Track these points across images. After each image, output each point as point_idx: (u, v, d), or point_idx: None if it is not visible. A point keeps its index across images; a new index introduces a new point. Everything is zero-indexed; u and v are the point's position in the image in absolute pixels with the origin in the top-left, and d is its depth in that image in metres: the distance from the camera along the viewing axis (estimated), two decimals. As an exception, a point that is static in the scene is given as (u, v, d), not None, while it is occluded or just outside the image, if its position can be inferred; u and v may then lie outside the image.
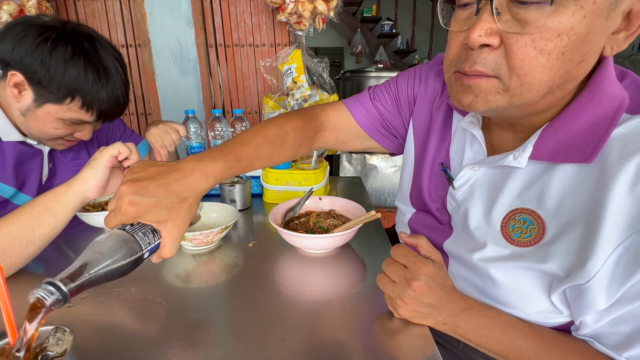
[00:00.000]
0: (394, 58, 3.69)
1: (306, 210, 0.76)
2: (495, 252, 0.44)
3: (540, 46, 0.33)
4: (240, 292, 0.52)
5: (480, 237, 0.46)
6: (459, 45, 0.40)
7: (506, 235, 0.43)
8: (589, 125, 0.38)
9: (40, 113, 0.65)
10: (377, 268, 0.59)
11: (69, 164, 0.84)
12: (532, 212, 0.41)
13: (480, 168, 0.48)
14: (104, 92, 0.67)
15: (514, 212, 0.43)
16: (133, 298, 0.51)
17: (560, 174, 0.40)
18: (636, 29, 0.35)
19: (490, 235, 0.45)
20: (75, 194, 0.60)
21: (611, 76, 0.39)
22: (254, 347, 0.41)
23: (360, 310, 0.48)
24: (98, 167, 0.59)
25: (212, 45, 1.65)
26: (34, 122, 0.67)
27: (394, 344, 0.41)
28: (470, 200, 0.49)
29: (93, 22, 1.58)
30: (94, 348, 0.41)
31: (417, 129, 0.62)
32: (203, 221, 0.73)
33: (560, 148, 0.39)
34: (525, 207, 0.42)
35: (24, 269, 0.59)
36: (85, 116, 0.68)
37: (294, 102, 1.57)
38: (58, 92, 0.63)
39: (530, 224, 0.41)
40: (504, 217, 0.44)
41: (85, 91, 0.65)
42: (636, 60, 2.37)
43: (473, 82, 0.38)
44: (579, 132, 0.39)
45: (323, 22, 1.53)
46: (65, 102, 0.65)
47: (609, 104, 0.38)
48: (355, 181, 1.14)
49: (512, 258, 0.42)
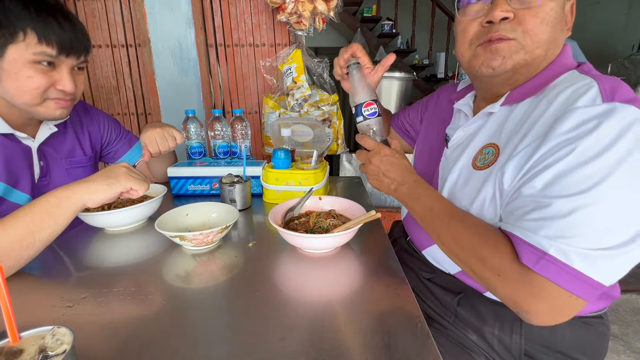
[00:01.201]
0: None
1: (306, 210, 0.76)
2: (465, 179, 0.58)
3: (542, 16, 0.49)
4: (240, 292, 0.52)
5: (456, 175, 0.60)
6: (476, 27, 0.55)
7: (474, 165, 0.57)
8: (543, 80, 0.53)
9: (8, 65, 0.64)
10: (377, 268, 0.59)
11: (63, 162, 0.83)
12: (493, 144, 0.55)
13: (469, 126, 0.62)
14: (53, 21, 0.66)
15: (482, 148, 0.56)
16: (133, 298, 0.51)
17: (518, 110, 0.54)
18: (570, 25, 0.54)
19: (464, 173, 0.59)
20: (79, 202, 0.60)
21: (568, 54, 0.55)
22: (254, 347, 0.41)
23: (360, 310, 0.48)
24: (114, 189, 0.62)
25: (212, 45, 1.65)
26: (8, 80, 0.66)
27: (393, 343, 0.41)
28: (455, 152, 0.63)
29: (93, 21, 1.58)
30: (94, 348, 0.41)
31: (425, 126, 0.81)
32: (203, 221, 0.74)
33: (522, 94, 0.54)
34: (490, 142, 0.56)
35: (23, 269, 0.59)
36: (48, 49, 0.66)
37: (294, 102, 1.58)
38: (9, 28, 0.62)
39: (490, 153, 0.54)
40: (474, 154, 0.58)
41: (34, 23, 0.64)
42: (636, 60, 2.37)
43: (499, 45, 0.52)
44: (536, 84, 0.53)
45: (323, 22, 1.53)
46: (20, 38, 0.63)
47: (559, 68, 0.53)
48: (355, 181, 1.14)
49: (474, 178, 0.56)
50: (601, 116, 0.42)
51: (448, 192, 0.61)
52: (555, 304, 0.42)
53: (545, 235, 0.42)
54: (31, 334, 0.32)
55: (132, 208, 0.73)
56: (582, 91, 0.46)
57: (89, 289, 0.53)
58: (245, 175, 0.88)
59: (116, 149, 1.00)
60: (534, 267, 0.42)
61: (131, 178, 0.66)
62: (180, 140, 0.92)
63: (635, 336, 1.55)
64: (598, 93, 0.44)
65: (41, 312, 0.48)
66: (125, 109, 1.73)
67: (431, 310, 0.67)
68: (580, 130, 0.42)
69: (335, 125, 1.65)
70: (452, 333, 0.63)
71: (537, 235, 0.43)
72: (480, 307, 0.60)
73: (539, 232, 0.43)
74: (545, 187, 0.44)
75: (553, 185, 0.43)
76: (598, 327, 0.58)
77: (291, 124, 1.05)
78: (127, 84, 1.69)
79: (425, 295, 0.69)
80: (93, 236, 0.74)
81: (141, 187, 0.66)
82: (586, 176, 0.41)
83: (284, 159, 0.90)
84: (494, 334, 0.58)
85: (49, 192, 0.60)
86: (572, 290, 0.41)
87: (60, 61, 0.69)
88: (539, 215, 0.43)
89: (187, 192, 0.97)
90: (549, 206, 0.43)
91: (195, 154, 1.07)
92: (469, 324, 0.61)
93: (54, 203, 0.58)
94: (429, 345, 0.41)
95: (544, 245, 0.42)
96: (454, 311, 0.63)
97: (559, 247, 0.41)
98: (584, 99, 0.45)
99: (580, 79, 0.49)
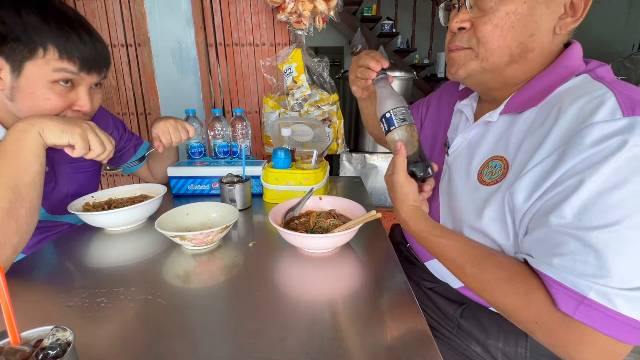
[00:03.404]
0: (394, 57, 3.69)
1: (306, 210, 0.76)
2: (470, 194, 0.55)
3: (495, 22, 0.48)
4: (240, 292, 0.52)
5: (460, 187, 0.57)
6: (449, 35, 0.56)
7: (481, 180, 0.54)
8: (545, 86, 0.50)
9: (24, 83, 0.61)
10: (377, 268, 0.59)
11: (67, 167, 0.82)
12: (500, 157, 0.52)
13: (468, 132, 0.60)
14: (74, 35, 0.63)
15: (487, 161, 0.54)
16: (133, 298, 0.51)
17: (523, 119, 0.50)
18: (580, 15, 0.48)
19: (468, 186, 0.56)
20: (36, 132, 0.59)
21: (572, 55, 0.50)
22: (254, 347, 0.41)
23: (360, 310, 0.48)
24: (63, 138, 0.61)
25: (212, 44, 1.65)
26: (23, 100, 0.62)
27: (393, 343, 0.41)
28: (457, 160, 0.61)
29: (93, 21, 1.57)
30: (94, 348, 0.41)
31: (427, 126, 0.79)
32: (203, 221, 0.73)
33: (523, 102, 0.51)
34: (496, 154, 0.53)
35: (23, 270, 0.59)
36: (69, 66, 0.63)
37: (294, 102, 1.57)
38: (28, 44, 0.59)
39: (498, 167, 0.51)
40: (480, 167, 0.54)
41: (54, 36, 0.60)
42: (636, 60, 2.37)
43: (454, 54, 0.54)
44: (537, 91, 0.50)
45: (323, 22, 1.53)
46: (39, 54, 0.60)
47: (563, 72, 0.49)
48: (356, 181, 1.14)
49: (481, 193, 0.53)
50: (624, 132, 0.38)
51: (451, 206, 0.59)
52: (606, 352, 0.38)
53: (582, 274, 0.38)
54: (31, 334, 0.32)
55: (132, 208, 0.73)
56: (598, 102, 0.42)
57: (88, 289, 0.53)
58: (244, 175, 0.88)
59: (121, 154, 0.98)
60: (574, 315, 0.38)
61: (87, 137, 0.62)
62: (193, 134, 0.90)
63: (635, 336, 1.54)
64: (617, 105, 0.40)
65: (41, 312, 0.48)
66: (125, 109, 1.73)
67: (433, 320, 0.66)
68: (605, 148, 0.38)
69: (335, 125, 1.65)
70: (455, 343, 0.62)
71: (571, 275, 0.38)
72: (484, 319, 0.59)
73: (573, 272, 0.38)
74: (577, 215, 0.39)
75: (584, 213, 0.38)
76: None
77: (291, 124, 1.05)
78: (127, 84, 1.69)
79: (427, 305, 0.68)
80: (93, 236, 0.74)
81: (88, 149, 0.62)
82: (613, 206, 0.37)
83: (284, 159, 0.90)
84: (498, 347, 0.57)
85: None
86: (622, 338, 0.36)
87: (81, 79, 0.66)
88: (571, 250, 0.39)
89: (187, 192, 0.97)
90: (582, 239, 0.38)
91: (195, 153, 1.07)
92: (473, 336, 0.59)
93: (17, 137, 0.58)
94: (429, 344, 0.41)
95: (582, 287, 0.38)
96: (456, 322, 0.62)
97: (599, 289, 0.37)
98: (601, 112, 0.40)
99: (594, 88, 0.44)
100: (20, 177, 0.56)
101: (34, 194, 0.58)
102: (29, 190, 0.57)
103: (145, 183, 0.92)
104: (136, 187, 0.88)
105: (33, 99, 0.63)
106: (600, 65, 0.50)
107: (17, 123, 0.59)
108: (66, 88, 0.65)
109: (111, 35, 1.60)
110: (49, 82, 0.62)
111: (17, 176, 0.56)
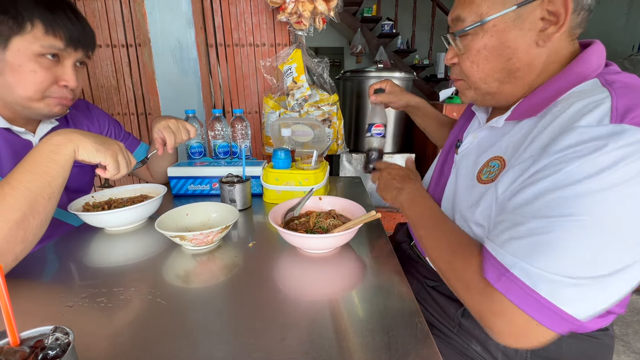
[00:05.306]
0: (394, 58, 3.69)
1: (306, 210, 0.76)
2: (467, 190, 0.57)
3: (471, 59, 0.54)
4: (240, 292, 0.52)
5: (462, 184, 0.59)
6: None
7: (479, 179, 0.55)
8: (552, 93, 0.49)
9: (11, 56, 0.63)
10: (377, 268, 0.59)
11: None
12: (499, 157, 0.53)
13: (478, 133, 0.61)
14: (62, 14, 0.66)
15: (488, 161, 0.55)
16: (133, 298, 0.51)
17: (524, 122, 0.51)
18: (564, 21, 0.46)
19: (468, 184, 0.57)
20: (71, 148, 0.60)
21: (586, 59, 0.48)
22: (254, 347, 0.41)
23: (360, 310, 0.48)
24: (97, 158, 0.62)
25: (212, 45, 1.65)
26: (10, 73, 0.64)
27: (393, 343, 0.41)
28: (464, 159, 0.62)
29: (93, 21, 1.58)
30: (94, 348, 0.41)
31: None
32: (203, 221, 0.73)
33: (527, 110, 0.51)
34: (496, 155, 0.54)
35: (23, 269, 0.59)
36: (56, 42, 0.65)
37: (294, 102, 1.58)
38: (16, 18, 0.61)
39: (497, 167, 0.53)
40: (481, 166, 0.56)
41: (42, 14, 0.63)
42: (636, 61, 2.37)
43: (455, 84, 0.61)
44: (543, 98, 0.49)
45: (323, 22, 1.53)
46: (27, 29, 0.62)
47: (574, 78, 0.48)
48: (356, 181, 1.14)
49: (476, 191, 0.54)
50: (604, 138, 0.37)
51: (452, 200, 0.61)
52: (515, 326, 0.40)
53: (512, 252, 0.41)
54: (31, 334, 0.32)
55: (132, 208, 0.73)
56: (590, 107, 0.41)
57: (88, 289, 0.53)
58: (244, 175, 0.88)
59: None
60: (495, 284, 0.41)
61: (117, 159, 0.64)
62: (194, 134, 0.90)
63: (635, 336, 1.55)
64: (608, 111, 0.39)
65: (41, 312, 0.48)
66: (125, 109, 1.73)
67: (434, 318, 0.66)
68: (576, 150, 0.39)
69: (335, 125, 1.65)
70: (455, 342, 0.62)
71: (503, 250, 0.42)
72: None
73: (505, 248, 0.42)
74: (525, 203, 0.42)
75: (532, 203, 0.41)
76: (604, 340, 0.57)
77: (291, 124, 1.05)
78: (127, 84, 1.69)
79: (428, 303, 0.68)
80: (93, 236, 0.74)
81: (118, 170, 0.65)
82: (568, 198, 0.38)
83: (284, 159, 0.90)
84: (498, 347, 0.57)
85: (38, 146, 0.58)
86: (534, 315, 0.38)
87: (67, 54, 0.69)
88: (511, 232, 0.42)
89: (187, 192, 0.97)
90: (522, 224, 0.41)
91: (195, 153, 1.07)
92: (473, 335, 0.60)
93: (51, 149, 0.58)
94: (429, 344, 0.41)
95: (508, 262, 0.41)
96: (457, 321, 0.62)
97: (523, 266, 0.39)
98: (589, 117, 0.40)
99: (596, 93, 0.43)
100: (41, 190, 0.56)
101: (49, 208, 0.57)
102: (46, 204, 0.56)
103: (145, 183, 0.92)
104: (136, 187, 0.88)
105: (20, 72, 0.65)
106: (617, 72, 0.48)
107: (53, 135, 0.59)
108: (52, 61, 0.67)
109: (111, 36, 1.60)
110: (35, 55, 0.65)
111: (38, 189, 0.55)
